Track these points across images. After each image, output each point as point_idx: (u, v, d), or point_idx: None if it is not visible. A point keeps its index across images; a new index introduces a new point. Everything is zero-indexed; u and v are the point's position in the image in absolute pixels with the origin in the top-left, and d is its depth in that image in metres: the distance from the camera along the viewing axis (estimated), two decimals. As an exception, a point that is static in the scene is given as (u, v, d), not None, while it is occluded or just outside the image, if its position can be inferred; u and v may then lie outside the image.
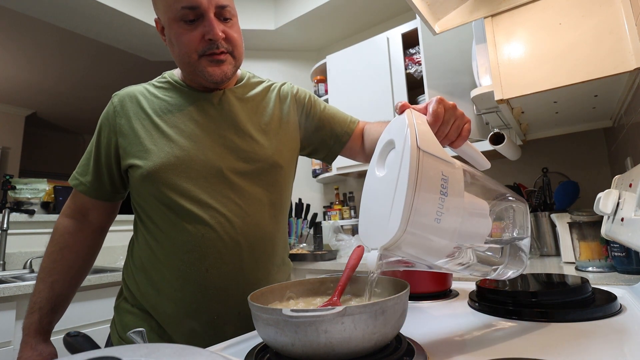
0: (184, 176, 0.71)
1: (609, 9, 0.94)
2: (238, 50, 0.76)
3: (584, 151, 1.72)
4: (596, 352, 0.44)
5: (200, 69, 0.73)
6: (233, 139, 0.76)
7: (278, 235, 0.81)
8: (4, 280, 1.62)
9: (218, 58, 0.73)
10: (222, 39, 0.72)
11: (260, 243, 0.75)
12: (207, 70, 0.72)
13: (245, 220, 0.73)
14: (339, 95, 2.23)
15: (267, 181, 0.78)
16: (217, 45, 0.72)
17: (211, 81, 0.74)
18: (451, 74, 1.75)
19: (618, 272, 0.99)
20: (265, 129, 0.80)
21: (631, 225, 0.68)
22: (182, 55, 0.73)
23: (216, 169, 0.72)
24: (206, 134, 0.75)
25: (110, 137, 0.76)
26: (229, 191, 0.73)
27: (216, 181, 0.72)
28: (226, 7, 0.72)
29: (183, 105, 0.77)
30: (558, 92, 1.06)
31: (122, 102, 0.77)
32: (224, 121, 0.77)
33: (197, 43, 0.71)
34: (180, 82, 0.80)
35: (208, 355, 0.28)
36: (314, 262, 1.80)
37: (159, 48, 2.78)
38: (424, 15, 1.15)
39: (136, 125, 0.74)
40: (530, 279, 0.77)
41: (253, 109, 0.82)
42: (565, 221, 1.17)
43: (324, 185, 2.72)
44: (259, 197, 0.76)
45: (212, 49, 0.71)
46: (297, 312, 0.39)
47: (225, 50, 0.73)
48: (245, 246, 0.72)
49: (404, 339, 0.48)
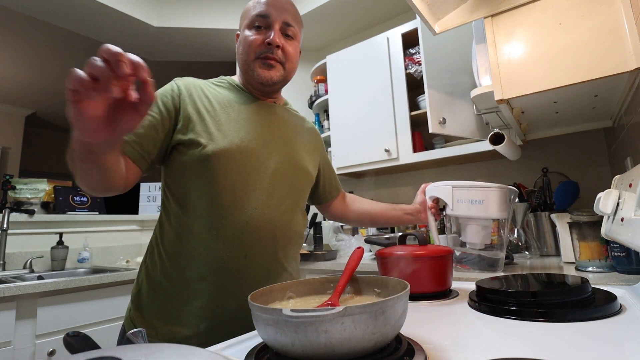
0: (241, 164, 0.77)
1: (609, 9, 0.94)
2: (290, 63, 0.86)
3: (584, 151, 1.72)
4: (596, 352, 0.44)
5: (252, 67, 0.83)
6: (285, 143, 0.86)
7: (301, 235, 0.90)
8: (4, 280, 1.62)
9: (269, 62, 0.82)
10: (278, 48, 0.82)
11: (292, 239, 0.84)
12: (257, 71, 0.82)
13: (282, 217, 0.81)
14: (339, 95, 2.23)
15: (303, 188, 0.89)
16: (272, 50, 0.82)
17: (258, 81, 0.83)
18: (451, 74, 1.75)
19: (618, 272, 1.00)
20: (305, 147, 0.93)
21: (631, 225, 0.68)
22: (243, 54, 0.84)
23: (268, 166, 0.80)
24: (263, 133, 0.83)
25: (170, 106, 0.77)
26: (273, 188, 0.80)
27: (265, 176, 0.79)
28: (291, 27, 0.85)
29: (243, 103, 0.85)
30: (558, 92, 1.06)
31: (186, 85, 0.82)
32: (278, 126, 0.87)
33: (257, 45, 0.82)
34: (239, 85, 0.89)
35: (208, 355, 0.28)
36: (314, 262, 1.80)
37: (159, 48, 2.78)
38: (424, 15, 1.15)
39: (201, 108, 0.79)
40: (530, 279, 0.77)
41: (296, 129, 0.93)
42: (565, 221, 1.17)
43: (324, 185, 2.72)
44: (296, 200, 0.86)
45: (267, 53, 0.81)
46: (297, 312, 0.39)
47: (278, 59, 0.83)
48: (281, 239, 0.80)
49: (404, 339, 0.48)
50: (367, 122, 2.07)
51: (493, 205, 1.13)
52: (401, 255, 0.79)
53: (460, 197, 1.14)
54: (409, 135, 1.93)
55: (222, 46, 2.80)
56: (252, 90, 0.88)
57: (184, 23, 2.53)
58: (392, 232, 2.12)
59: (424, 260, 0.78)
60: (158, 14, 2.51)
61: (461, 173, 2.08)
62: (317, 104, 2.45)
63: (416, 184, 2.26)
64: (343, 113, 2.19)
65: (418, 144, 1.99)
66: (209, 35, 2.64)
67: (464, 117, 1.69)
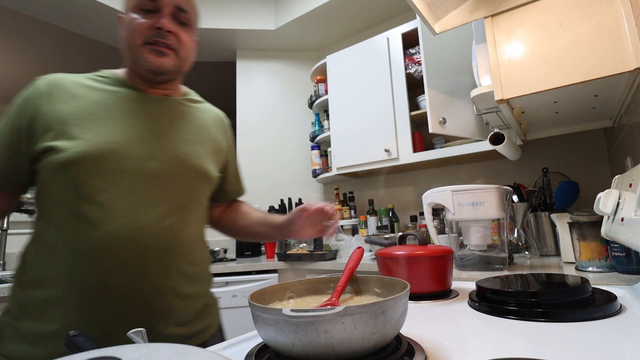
0: (108, 169, 0.67)
1: (609, 9, 0.94)
2: (184, 52, 0.77)
3: (584, 151, 1.72)
4: (596, 352, 0.44)
5: (139, 54, 0.73)
6: (175, 141, 0.75)
7: (196, 245, 0.78)
8: (4, 280, 1.62)
9: (160, 49, 0.73)
10: (170, 34, 0.73)
11: (180, 249, 0.72)
12: (146, 57, 0.72)
13: (163, 225, 0.69)
14: (339, 95, 2.23)
15: (196, 190, 0.78)
16: (164, 36, 0.72)
17: (148, 69, 0.73)
18: (451, 74, 1.75)
19: (618, 272, 0.99)
20: (204, 143, 0.82)
21: (631, 225, 0.68)
22: (127, 39, 0.74)
23: (146, 168, 0.70)
24: (143, 131, 0.72)
25: (25, 117, 0.69)
26: (151, 193, 0.70)
27: (140, 180, 0.69)
28: (185, 12, 0.76)
29: (122, 99, 0.74)
30: (558, 92, 1.06)
31: (48, 85, 0.71)
32: (167, 122, 0.77)
33: (144, 29, 0.72)
34: (121, 79, 0.77)
35: (208, 355, 0.28)
36: (314, 262, 1.80)
37: (159, 48, 2.79)
38: (424, 15, 1.15)
39: (64, 109, 0.69)
40: (530, 279, 0.77)
41: (194, 123, 0.82)
42: (565, 221, 1.17)
43: (324, 185, 2.72)
44: (186, 204, 0.75)
45: (157, 38, 0.72)
46: (297, 312, 0.39)
47: (171, 46, 0.74)
48: (160, 251, 0.69)
49: (404, 339, 0.48)
50: (367, 122, 2.07)
51: (493, 206, 1.14)
52: (401, 255, 0.79)
53: (461, 201, 1.15)
54: (409, 135, 1.93)
55: (222, 46, 2.80)
56: (139, 82, 0.77)
57: (184, 23, 2.54)
58: (392, 232, 2.12)
59: (424, 260, 0.78)
60: (158, 14, 2.51)
61: (461, 173, 2.08)
62: (317, 104, 2.45)
63: (416, 184, 2.26)
64: (343, 113, 2.19)
65: (418, 144, 1.99)
66: (209, 35, 2.64)
67: (464, 117, 1.69)
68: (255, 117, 2.78)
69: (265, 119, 2.78)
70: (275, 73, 2.85)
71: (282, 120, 2.79)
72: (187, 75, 0.86)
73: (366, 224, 2.21)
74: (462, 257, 1.22)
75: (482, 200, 1.12)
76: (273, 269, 1.90)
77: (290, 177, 2.69)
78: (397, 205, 2.27)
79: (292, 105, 2.81)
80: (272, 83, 2.83)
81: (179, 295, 0.71)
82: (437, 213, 1.86)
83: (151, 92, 0.78)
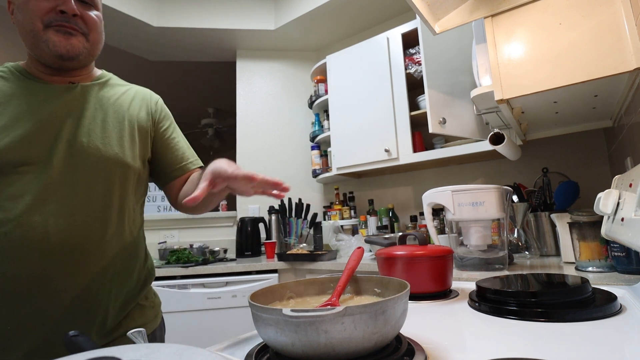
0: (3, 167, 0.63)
1: (609, 9, 0.94)
2: (94, 35, 0.71)
3: (584, 151, 1.72)
4: (596, 352, 0.44)
5: (44, 38, 0.66)
6: (82, 130, 0.69)
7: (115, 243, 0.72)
8: None
9: (67, 29, 0.67)
10: (75, 16, 0.67)
11: (90, 250, 0.67)
12: (52, 40, 0.66)
13: (68, 220, 0.65)
14: (339, 95, 2.23)
15: (112, 182, 0.72)
16: (69, 20, 0.66)
17: (56, 54, 0.67)
18: (451, 74, 1.75)
19: (618, 272, 0.99)
20: (123, 129, 0.76)
21: (631, 225, 0.68)
22: (25, 23, 0.66)
23: (47, 163, 0.65)
24: (44, 124, 0.67)
25: None
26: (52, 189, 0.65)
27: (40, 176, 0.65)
28: None
29: (18, 94, 0.68)
30: (558, 92, 1.06)
31: None
32: (74, 112, 0.70)
33: (44, 11, 0.65)
34: (21, 71, 0.71)
35: (208, 355, 0.28)
36: (314, 262, 1.80)
37: (159, 48, 2.78)
38: (424, 15, 1.15)
39: None
40: (530, 279, 0.77)
41: (103, 106, 0.75)
42: (565, 221, 1.17)
43: (324, 185, 2.72)
44: (99, 198, 0.70)
45: (61, 22, 0.66)
46: (297, 312, 0.39)
47: (79, 29, 0.69)
48: (66, 253, 0.65)
49: (404, 339, 0.48)
50: (367, 122, 2.07)
51: (493, 206, 1.14)
52: (401, 255, 0.79)
53: (461, 201, 1.15)
54: (409, 135, 1.93)
55: (222, 46, 2.80)
56: (43, 72, 0.71)
57: (184, 23, 2.53)
58: (392, 232, 2.12)
59: (424, 260, 0.78)
60: (158, 14, 2.51)
61: (461, 173, 2.08)
62: (317, 104, 2.45)
63: (416, 184, 2.26)
64: (343, 113, 2.19)
65: (418, 144, 1.99)
66: (209, 35, 2.64)
67: (464, 117, 1.69)
68: (255, 117, 2.78)
69: (265, 119, 2.78)
70: (275, 73, 2.85)
71: (282, 120, 2.79)
72: (187, 76, 0.83)
73: (366, 224, 2.21)
74: (462, 257, 1.22)
75: (482, 200, 1.12)
76: (273, 269, 1.90)
77: (290, 177, 2.69)
78: (397, 205, 2.27)
79: (292, 105, 2.81)
80: (272, 83, 2.83)
81: (86, 299, 0.67)
82: (437, 213, 1.86)
83: (54, 81, 0.72)
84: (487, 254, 1.17)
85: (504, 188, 1.18)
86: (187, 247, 2.18)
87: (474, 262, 1.19)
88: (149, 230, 2.58)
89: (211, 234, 2.59)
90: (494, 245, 1.19)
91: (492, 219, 1.16)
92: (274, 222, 2.37)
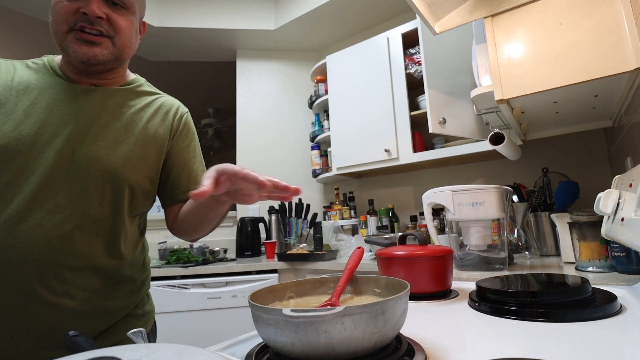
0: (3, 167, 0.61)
1: (609, 9, 0.94)
2: (121, 39, 0.69)
3: (584, 151, 1.72)
4: (596, 352, 0.44)
5: (66, 43, 0.66)
6: (67, 139, 0.66)
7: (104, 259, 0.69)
8: None
9: (89, 38, 0.66)
10: (100, 19, 0.66)
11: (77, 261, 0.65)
12: (72, 47, 0.65)
13: (58, 232, 0.63)
14: (339, 95, 2.23)
15: (103, 194, 0.68)
16: (92, 21, 0.65)
17: (76, 59, 0.66)
18: (451, 74, 1.75)
19: (618, 272, 0.99)
20: (126, 137, 0.71)
21: (631, 225, 0.68)
22: (53, 25, 0.66)
23: (42, 166, 0.63)
24: (56, 125, 0.65)
25: None
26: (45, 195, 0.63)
27: (33, 180, 0.63)
28: None
29: (44, 88, 0.67)
30: (558, 92, 1.06)
31: None
32: (75, 118, 0.67)
33: (69, 14, 0.64)
34: (53, 67, 0.71)
35: (208, 355, 0.28)
36: (314, 262, 1.80)
37: (159, 48, 2.78)
38: (424, 15, 1.15)
39: None
40: (530, 279, 0.77)
41: (123, 114, 0.73)
42: (565, 221, 1.17)
43: (324, 185, 2.72)
44: (84, 209, 0.66)
45: (83, 24, 0.65)
46: (297, 312, 0.39)
47: (104, 32, 0.67)
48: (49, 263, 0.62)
49: (404, 339, 0.48)
50: (367, 122, 2.07)
51: (493, 206, 1.14)
52: (401, 255, 0.79)
53: (461, 201, 1.15)
54: (409, 135, 1.93)
55: (222, 46, 2.80)
56: (71, 71, 0.70)
57: (184, 23, 2.53)
58: (392, 232, 2.12)
59: (424, 260, 0.78)
60: (158, 14, 2.51)
61: (461, 173, 2.08)
62: (317, 104, 2.45)
63: (416, 184, 2.26)
64: (343, 113, 2.19)
65: (418, 144, 1.99)
66: (209, 35, 2.64)
67: (464, 117, 1.69)
68: (255, 117, 2.78)
69: (265, 119, 2.78)
70: (275, 73, 2.85)
71: (282, 120, 2.79)
72: (187, 76, 0.82)
73: (366, 224, 2.21)
74: (462, 257, 1.22)
75: (482, 200, 1.12)
76: (273, 269, 1.90)
77: (290, 177, 2.69)
78: (397, 205, 2.27)
79: (292, 105, 2.81)
80: (272, 83, 2.83)
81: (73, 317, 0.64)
82: (437, 213, 1.86)
83: (79, 81, 0.71)
84: (487, 253, 1.17)
85: (504, 188, 1.18)
86: (187, 247, 2.18)
87: (474, 262, 1.19)
88: (149, 230, 2.58)
89: (211, 234, 2.59)
90: (494, 245, 1.19)
91: (492, 219, 1.16)
92: (274, 222, 2.37)
